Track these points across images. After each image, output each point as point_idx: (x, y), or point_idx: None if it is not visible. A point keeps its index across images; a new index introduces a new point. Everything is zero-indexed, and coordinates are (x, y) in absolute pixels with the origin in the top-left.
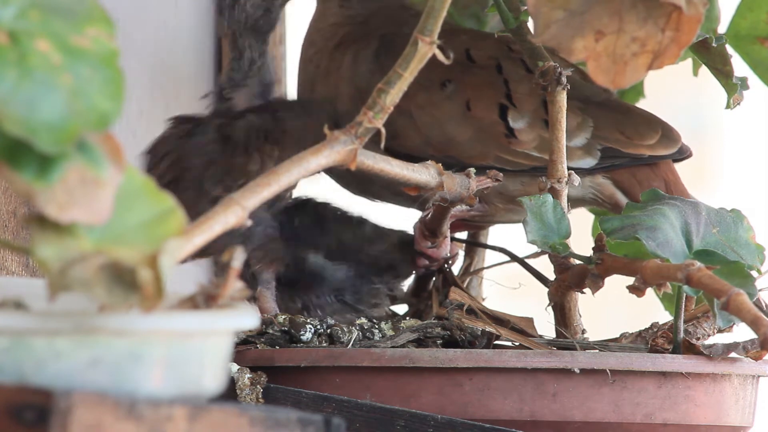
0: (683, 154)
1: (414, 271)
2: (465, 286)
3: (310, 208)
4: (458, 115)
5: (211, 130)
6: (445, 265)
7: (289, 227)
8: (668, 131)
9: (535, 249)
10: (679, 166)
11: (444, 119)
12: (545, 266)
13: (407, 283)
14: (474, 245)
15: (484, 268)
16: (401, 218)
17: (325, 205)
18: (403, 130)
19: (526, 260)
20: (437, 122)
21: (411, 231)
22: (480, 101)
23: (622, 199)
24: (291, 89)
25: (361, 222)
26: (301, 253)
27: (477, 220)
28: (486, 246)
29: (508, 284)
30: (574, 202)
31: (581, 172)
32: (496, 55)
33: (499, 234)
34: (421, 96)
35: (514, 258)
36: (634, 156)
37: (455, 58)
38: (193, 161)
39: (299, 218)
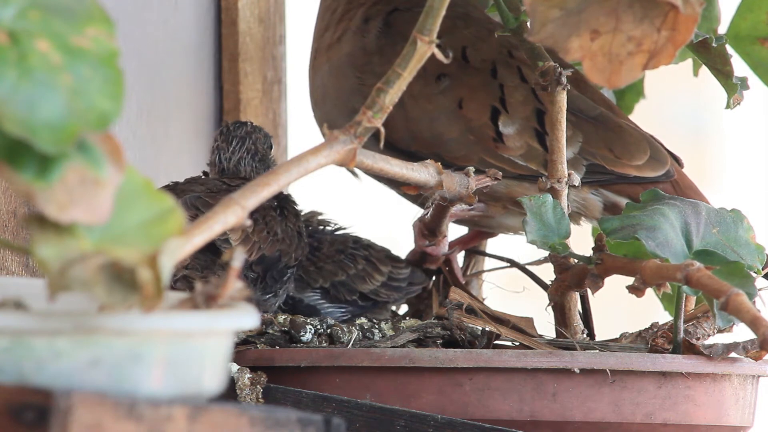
0: (669, 177)
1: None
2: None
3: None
4: (449, 112)
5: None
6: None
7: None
8: (657, 153)
9: (534, 254)
10: None
11: (434, 114)
12: (544, 269)
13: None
14: (473, 252)
15: (483, 271)
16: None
17: (322, 230)
18: (392, 121)
19: (526, 266)
20: (427, 116)
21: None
22: (472, 101)
23: (621, 202)
24: (291, 89)
25: (354, 252)
26: (298, 292)
27: (477, 220)
28: (485, 254)
29: (508, 286)
30: None
31: None
32: (494, 58)
33: (499, 236)
34: (416, 86)
35: (513, 264)
36: (620, 174)
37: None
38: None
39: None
